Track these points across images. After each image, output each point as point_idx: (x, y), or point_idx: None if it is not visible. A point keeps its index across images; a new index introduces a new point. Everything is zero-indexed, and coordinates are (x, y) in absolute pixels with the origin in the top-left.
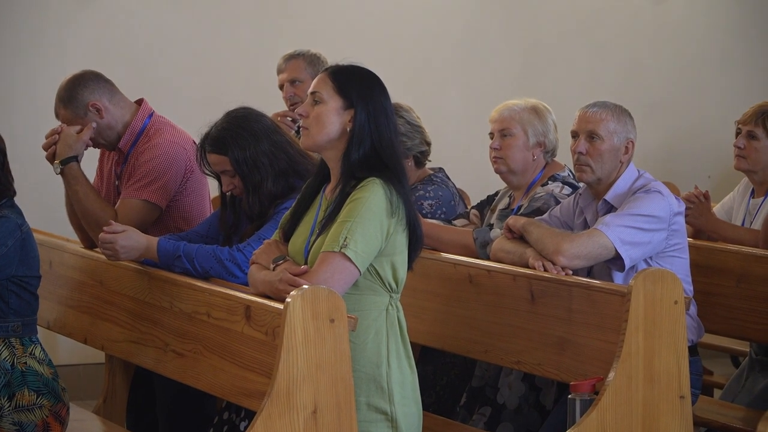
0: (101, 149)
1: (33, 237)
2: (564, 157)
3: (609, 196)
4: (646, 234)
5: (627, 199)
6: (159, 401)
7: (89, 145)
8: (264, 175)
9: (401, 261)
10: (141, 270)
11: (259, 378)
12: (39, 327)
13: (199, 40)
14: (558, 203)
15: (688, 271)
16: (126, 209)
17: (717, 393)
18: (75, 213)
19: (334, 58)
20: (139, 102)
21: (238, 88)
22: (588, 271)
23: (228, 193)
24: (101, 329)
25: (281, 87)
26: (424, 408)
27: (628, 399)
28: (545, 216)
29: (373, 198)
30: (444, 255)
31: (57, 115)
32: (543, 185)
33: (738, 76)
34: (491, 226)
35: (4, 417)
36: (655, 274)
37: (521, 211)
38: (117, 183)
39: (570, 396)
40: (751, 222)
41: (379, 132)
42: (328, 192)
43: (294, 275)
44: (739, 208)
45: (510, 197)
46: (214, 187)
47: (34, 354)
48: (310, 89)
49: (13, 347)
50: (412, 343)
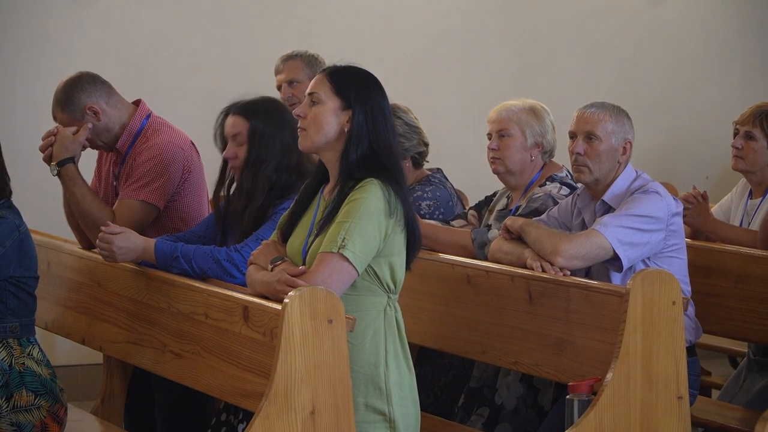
0: (99, 150)
1: (31, 238)
2: (562, 158)
3: (607, 196)
4: (644, 234)
5: (625, 200)
6: (157, 402)
7: (86, 146)
8: (270, 157)
9: (399, 262)
10: (139, 271)
11: (257, 379)
12: (37, 328)
13: (197, 41)
14: (556, 204)
15: (686, 272)
16: (124, 210)
17: (715, 393)
18: (73, 214)
19: (331, 58)
20: (137, 103)
21: (236, 89)
22: (586, 272)
23: (226, 178)
24: (99, 330)
25: (279, 88)
26: (422, 409)
27: (626, 399)
28: (543, 217)
29: (371, 199)
30: (442, 256)
31: (55, 118)
32: (541, 186)
33: (736, 76)
34: (489, 226)
35: (2, 418)
36: (653, 274)
37: (519, 212)
38: (115, 184)
39: (568, 397)
40: (749, 223)
41: (377, 133)
42: (326, 193)
43: (292, 276)
44: (737, 208)
45: (508, 198)
46: (212, 189)
47: (32, 355)
48: (307, 90)
49: (11, 348)
50: (410, 344)
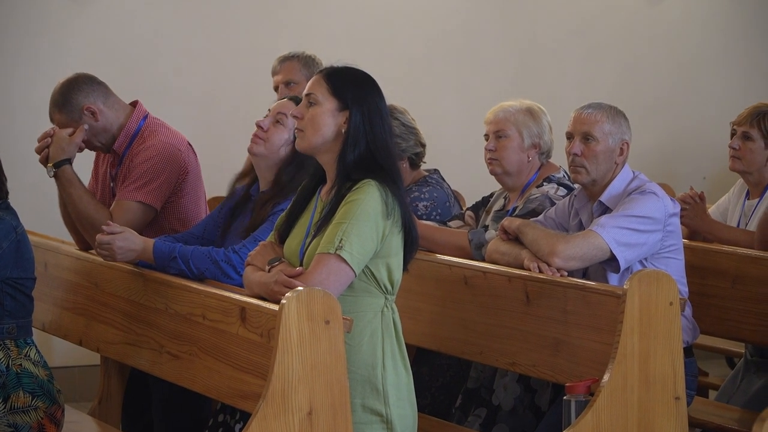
0: (96, 151)
1: (28, 239)
2: (559, 159)
3: (604, 197)
4: (641, 235)
5: (622, 201)
6: (154, 403)
7: (83, 147)
8: (310, 162)
9: (396, 263)
10: (136, 272)
11: (255, 380)
12: (34, 329)
13: (195, 42)
14: (553, 204)
15: (683, 273)
16: (121, 211)
17: (712, 394)
18: (69, 215)
19: (329, 59)
20: (134, 104)
21: (233, 90)
22: (583, 273)
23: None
24: (96, 331)
25: (276, 89)
26: (419, 409)
27: (623, 400)
28: (540, 217)
29: (369, 200)
30: (439, 256)
31: (52, 120)
32: (538, 186)
33: (733, 77)
34: (486, 227)
35: None
36: (651, 275)
37: (516, 213)
38: (112, 185)
39: (565, 397)
40: (747, 223)
41: (374, 133)
42: (323, 194)
43: (289, 277)
44: (735, 209)
45: (505, 198)
46: (210, 189)
47: (29, 356)
48: (305, 91)
49: (8, 349)
50: (407, 345)
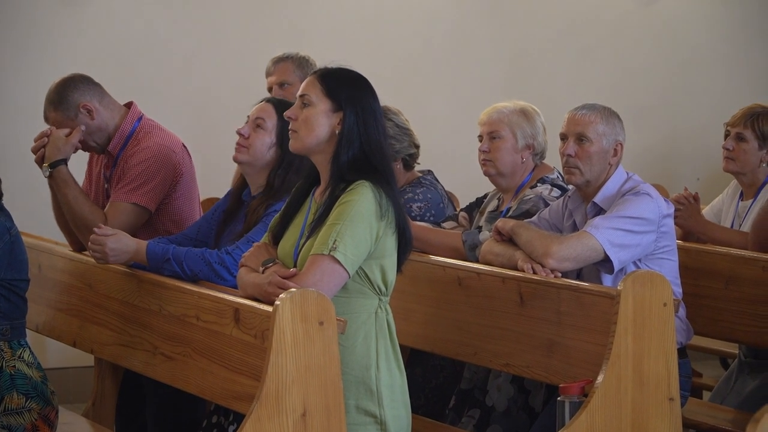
0: (91, 152)
1: (22, 240)
2: (553, 160)
3: (598, 198)
4: (635, 236)
5: (616, 202)
6: (148, 404)
7: (78, 148)
8: (298, 160)
9: (390, 264)
10: (130, 273)
11: (248, 381)
12: (28, 330)
13: (189, 43)
14: (547, 205)
15: (677, 273)
16: (115, 212)
17: (706, 395)
18: (63, 216)
19: (322, 60)
20: (129, 105)
21: (227, 91)
22: (577, 274)
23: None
24: (90, 332)
25: (270, 90)
26: (413, 410)
27: (617, 401)
28: (534, 218)
29: (363, 201)
30: (433, 257)
31: (46, 119)
32: (532, 187)
33: (727, 78)
34: (480, 228)
35: None
36: (644, 276)
37: (510, 214)
38: (106, 186)
39: (559, 398)
40: (740, 224)
41: (368, 134)
42: (317, 195)
43: (283, 278)
44: (728, 210)
45: (499, 199)
46: (204, 191)
47: (22, 357)
48: (298, 92)
49: (2, 351)
50: (401, 346)
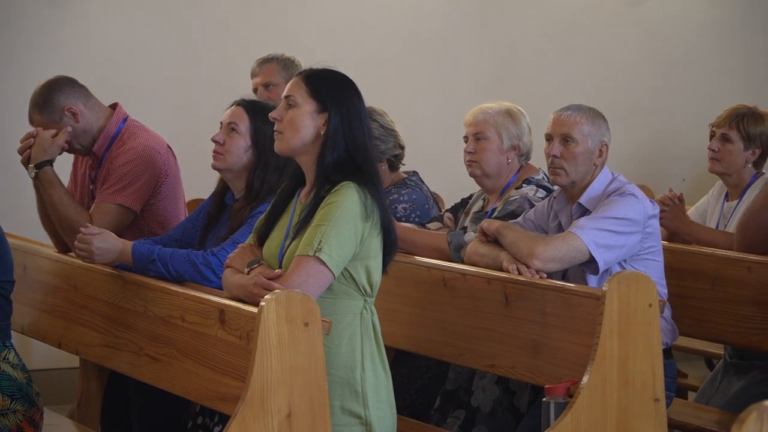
0: (76, 154)
1: (7, 241)
2: (538, 161)
3: (583, 199)
4: (620, 237)
5: (601, 202)
6: (133, 405)
7: (64, 149)
8: (274, 159)
9: (376, 265)
10: (115, 274)
11: (234, 382)
12: (13, 331)
13: (174, 44)
14: (532, 206)
15: (662, 274)
16: (101, 213)
17: (691, 396)
18: (48, 217)
19: (308, 61)
20: (114, 106)
21: (212, 92)
22: (562, 275)
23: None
24: (75, 334)
25: (255, 91)
26: (398, 411)
27: (602, 402)
28: (519, 219)
29: (348, 202)
30: (418, 258)
31: (31, 121)
32: (517, 188)
33: (712, 79)
34: (465, 229)
35: None
36: (630, 277)
37: (495, 214)
38: (91, 187)
39: (544, 399)
40: (726, 225)
41: (353, 135)
42: (302, 196)
43: (268, 279)
44: (714, 211)
45: (484, 200)
46: (189, 192)
47: (7, 359)
48: (284, 93)
49: None
50: (386, 347)
